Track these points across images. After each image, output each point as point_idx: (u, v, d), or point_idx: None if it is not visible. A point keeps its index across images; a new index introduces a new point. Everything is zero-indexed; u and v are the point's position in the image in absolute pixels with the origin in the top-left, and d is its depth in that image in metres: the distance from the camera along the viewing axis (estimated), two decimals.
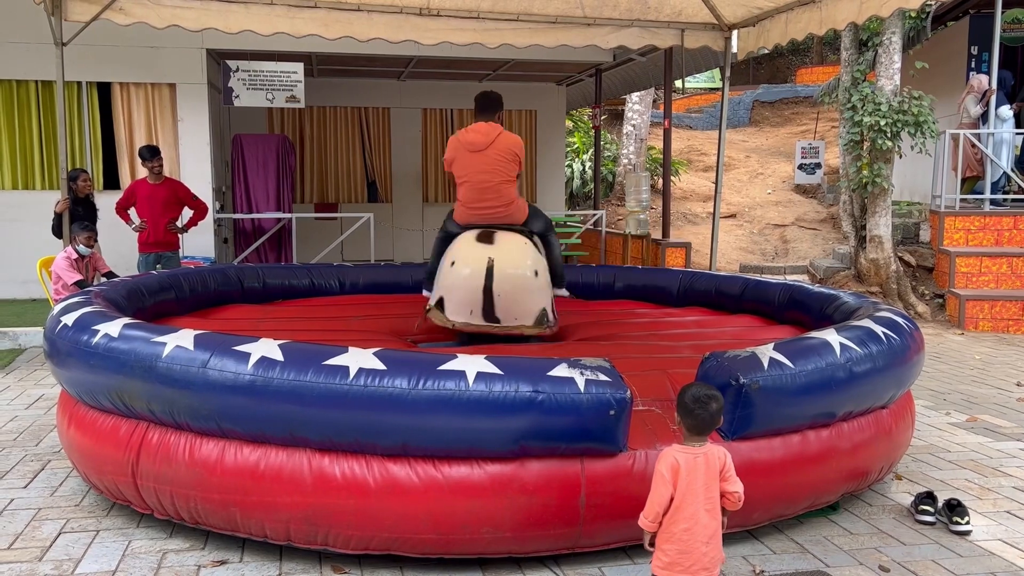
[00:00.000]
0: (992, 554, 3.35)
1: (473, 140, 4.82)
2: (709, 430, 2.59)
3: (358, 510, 2.99)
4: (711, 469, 2.55)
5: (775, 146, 20.00)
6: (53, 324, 3.79)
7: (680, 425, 2.61)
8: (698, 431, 2.58)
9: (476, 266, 4.67)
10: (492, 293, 4.64)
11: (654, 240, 10.58)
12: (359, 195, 13.15)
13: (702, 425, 2.57)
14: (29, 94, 9.36)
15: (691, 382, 2.70)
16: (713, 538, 2.55)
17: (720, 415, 2.61)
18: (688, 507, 2.51)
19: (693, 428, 2.57)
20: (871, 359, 3.59)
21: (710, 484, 2.54)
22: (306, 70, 10.06)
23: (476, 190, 4.84)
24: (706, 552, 2.52)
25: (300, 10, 6.64)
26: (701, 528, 2.52)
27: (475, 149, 4.80)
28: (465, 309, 4.71)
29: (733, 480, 2.59)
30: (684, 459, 2.54)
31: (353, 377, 2.94)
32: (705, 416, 2.56)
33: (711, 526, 2.54)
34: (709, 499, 2.54)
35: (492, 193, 4.84)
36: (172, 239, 7.60)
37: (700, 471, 2.53)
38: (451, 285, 4.74)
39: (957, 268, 9.19)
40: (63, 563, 3.17)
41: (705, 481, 2.53)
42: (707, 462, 2.55)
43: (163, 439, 3.26)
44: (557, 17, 7.13)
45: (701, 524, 2.52)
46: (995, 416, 5.44)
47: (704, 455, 2.55)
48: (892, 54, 9.75)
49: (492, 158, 4.80)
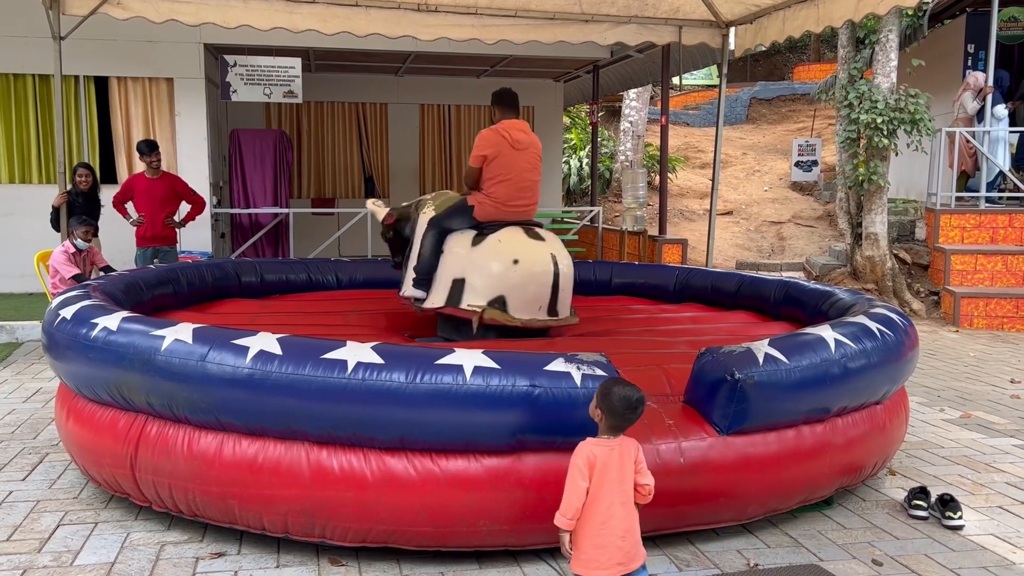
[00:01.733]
0: (984, 548, 3.38)
1: (519, 138, 4.84)
2: (628, 428, 2.58)
3: (356, 503, 3.01)
4: (625, 461, 2.54)
5: (772, 143, 20.03)
6: (52, 317, 3.81)
7: (600, 418, 2.57)
8: (619, 431, 2.58)
9: (544, 263, 4.73)
10: (558, 288, 4.76)
11: (651, 236, 10.60)
12: (356, 190, 13.15)
13: (622, 426, 2.57)
14: (26, 88, 9.35)
15: (616, 379, 2.65)
16: (629, 532, 2.52)
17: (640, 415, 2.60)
18: (603, 500, 2.50)
19: (616, 428, 2.56)
20: (866, 355, 3.61)
21: (624, 477, 2.53)
22: (304, 65, 10.06)
23: (518, 188, 4.86)
24: (621, 546, 2.51)
25: (298, 5, 6.65)
26: (617, 522, 2.51)
27: (521, 147, 4.84)
28: (534, 306, 4.73)
29: (644, 472, 2.57)
30: (600, 452, 2.53)
31: (351, 371, 2.96)
32: (632, 419, 2.56)
33: (627, 520, 2.52)
34: (623, 492, 2.52)
35: (531, 191, 4.96)
36: (170, 233, 7.61)
37: (614, 464, 2.52)
38: (518, 283, 4.70)
39: (952, 265, 9.23)
40: (62, 555, 3.18)
41: (619, 474, 2.52)
42: (621, 454, 2.54)
43: (162, 432, 3.28)
44: (555, 13, 7.14)
45: (617, 518, 2.51)
46: (988, 413, 5.47)
47: (619, 447, 2.55)
48: (889, 52, 9.77)
49: (532, 156, 4.90)
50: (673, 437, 3.20)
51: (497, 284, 4.69)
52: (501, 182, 4.82)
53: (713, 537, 3.39)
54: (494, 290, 4.69)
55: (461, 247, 4.87)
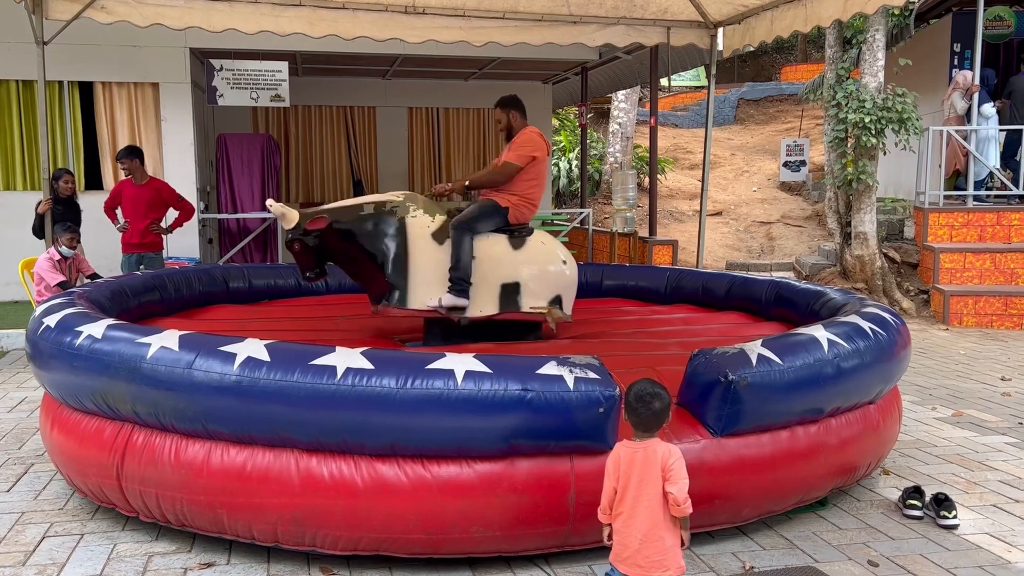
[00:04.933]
0: (979, 547, 3.36)
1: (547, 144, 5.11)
2: (653, 427, 2.58)
3: (346, 511, 2.97)
4: (649, 465, 2.52)
5: (760, 144, 20.09)
6: (35, 326, 3.75)
7: (625, 419, 2.63)
8: (642, 428, 2.58)
9: (573, 263, 5.05)
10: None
11: (641, 238, 10.59)
12: (345, 194, 13.08)
13: (644, 423, 2.57)
14: (10, 94, 9.26)
15: (638, 379, 2.66)
16: (648, 537, 2.50)
17: (664, 413, 2.58)
18: (626, 500, 2.54)
19: (637, 425, 2.58)
20: (858, 355, 3.60)
21: (645, 480, 2.51)
22: (291, 69, 10.01)
23: (543, 191, 5.12)
24: (639, 549, 2.50)
25: (285, 8, 6.60)
26: (636, 523, 2.51)
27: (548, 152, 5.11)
28: (572, 303, 5.02)
29: (673, 480, 2.50)
30: (624, 453, 2.57)
31: (340, 377, 2.92)
32: (647, 414, 2.56)
33: (646, 523, 2.50)
34: (648, 496, 2.51)
35: None
36: (155, 240, 7.53)
37: (637, 466, 2.53)
38: (570, 283, 4.98)
39: (941, 264, 9.26)
40: (47, 567, 3.13)
41: (641, 477, 2.52)
42: (645, 458, 2.53)
43: (148, 441, 3.23)
44: (543, 15, 7.12)
45: (636, 519, 2.51)
46: (980, 411, 5.48)
47: (644, 450, 2.54)
48: (876, 51, 9.81)
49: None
50: (666, 439, 3.17)
51: (554, 284, 4.88)
52: (539, 185, 4.97)
53: (708, 540, 3.37)
54: (553, 290, 4.88)
55: (502, 251, 4.83)
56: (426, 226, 4.77)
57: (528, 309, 4.83)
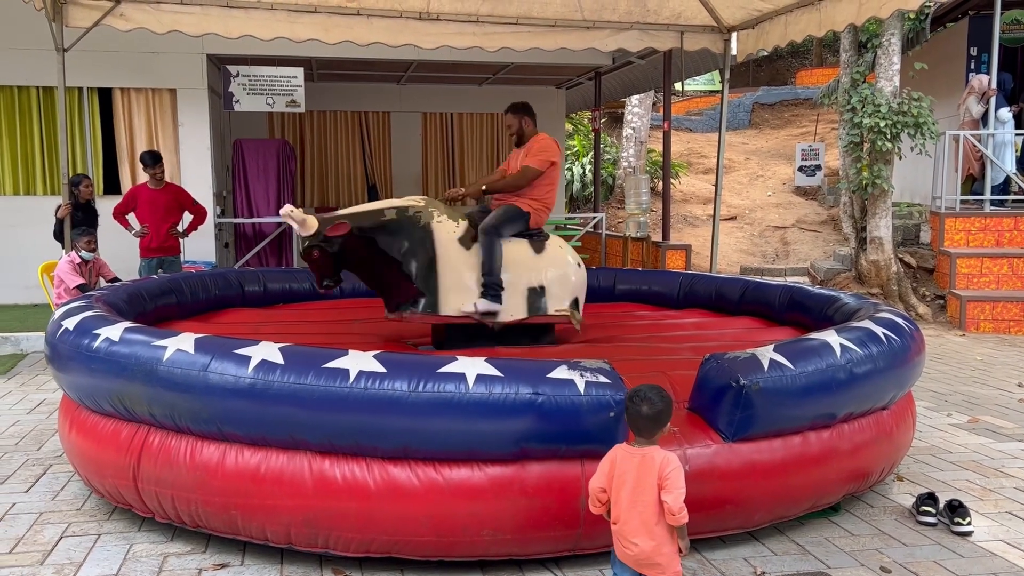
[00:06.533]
0: (994, 555, 3.34)
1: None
2: (649, 433, 2.55)
3: (359, 513, 2.99)
4: (644, 473, 2.49)
5: (775, 148, 20.01)
6: (54, 328, 3.80)
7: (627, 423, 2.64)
8: (639, 433, 2.57)
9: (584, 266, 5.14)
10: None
11: (654, 242, 10.58)
12: (359, 199, 13.14)
13: (638, 427, 2.56)
14: (30, 100, 9.38)
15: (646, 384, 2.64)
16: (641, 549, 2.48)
17: (658, 419, 2.54)
18: (619, 504, 2.53)
19: (636, 430, 2.57)
20: (872, 360, 3.58)
21: (640, 487, 2.49)
22: (306, 75, 10.08)
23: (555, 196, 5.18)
24: (636, 555, 2.51)
25: (300, 15, 6.66)
26: (630, 529, 2.50)
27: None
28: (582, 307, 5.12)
29: (669, 489, 2.46)
30: (621, 455, 2.56)
31: (353, 380, 2.94)
32: (633, 414, 2.55)
33: (641, 532, 2.48)
34: (641, 503, 2.48)
35: None
36: (174, 243, 7.62)
37: (631, 471, 2.51)
38: (584, 286, 5.09)
39: (958, 269, 9.19)
40: (64, 567, 3.17)
41: (635, 483, 2.50)
42: (641, 463, 2.51)
43: (164, 443, 3.27)
44: (556, 20, 7.14)
45: (630, 525, 2.50)
46: (996, 417, 5.43)
47: (641, 456, 2.52)
48: (891, 55, 9.76)
49: None
50: (678, 444, 3.17)
51: (573, 287, 4.98)
52: (554, 190, 5.07)
53: (719, 545, 3.36)
54: (572, 293, 4.98)
55: (525, 255, 4.88)
56: (452, 231, 4.69)
57: (553, 312, 4.91)
